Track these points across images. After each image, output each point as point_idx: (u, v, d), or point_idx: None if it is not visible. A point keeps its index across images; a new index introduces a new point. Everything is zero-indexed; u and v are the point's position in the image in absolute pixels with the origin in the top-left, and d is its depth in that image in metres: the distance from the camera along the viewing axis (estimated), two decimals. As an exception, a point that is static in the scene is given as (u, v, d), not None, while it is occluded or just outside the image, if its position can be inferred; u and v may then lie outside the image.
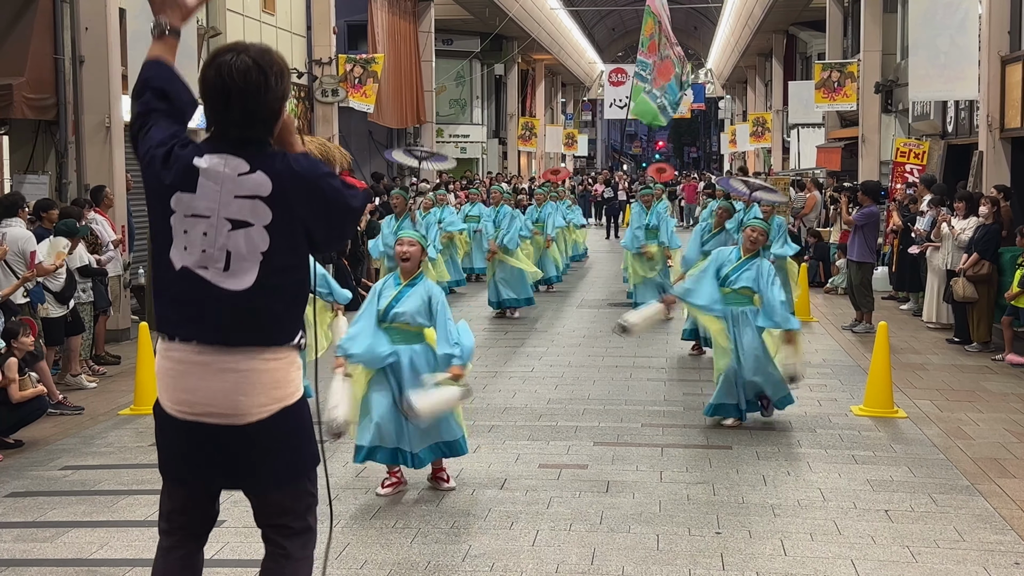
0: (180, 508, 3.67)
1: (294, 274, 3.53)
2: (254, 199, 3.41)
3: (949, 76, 14.66)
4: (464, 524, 6.05)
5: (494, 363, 11.14)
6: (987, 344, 11.60)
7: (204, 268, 3.44)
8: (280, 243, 3.44)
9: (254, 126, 3.44)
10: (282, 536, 3.67)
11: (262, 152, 3.46)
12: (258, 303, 3.45)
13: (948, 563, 5.46)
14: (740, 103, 56.69)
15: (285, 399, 3.56)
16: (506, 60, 38.95)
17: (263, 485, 3.61)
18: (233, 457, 3.54)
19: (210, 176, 3.42)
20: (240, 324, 3.45)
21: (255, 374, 3.48)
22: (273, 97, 3.42)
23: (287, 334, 3.56)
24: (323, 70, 22.39)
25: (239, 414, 3.48)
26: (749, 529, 5.95)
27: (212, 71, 3.39)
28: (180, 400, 3.51)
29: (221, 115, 3.43)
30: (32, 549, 5.78)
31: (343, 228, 3.63)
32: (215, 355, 3.46)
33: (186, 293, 3.46)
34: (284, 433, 3.57)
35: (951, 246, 12.38)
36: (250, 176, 3.42)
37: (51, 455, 7.76)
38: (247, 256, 3.43)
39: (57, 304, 9.65)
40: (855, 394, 9.36)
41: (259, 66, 3.38)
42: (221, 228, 3.42)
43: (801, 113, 28.88)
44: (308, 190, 3.46)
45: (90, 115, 12.78)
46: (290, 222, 3.44)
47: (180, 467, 3.61)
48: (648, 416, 8.72)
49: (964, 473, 7.06)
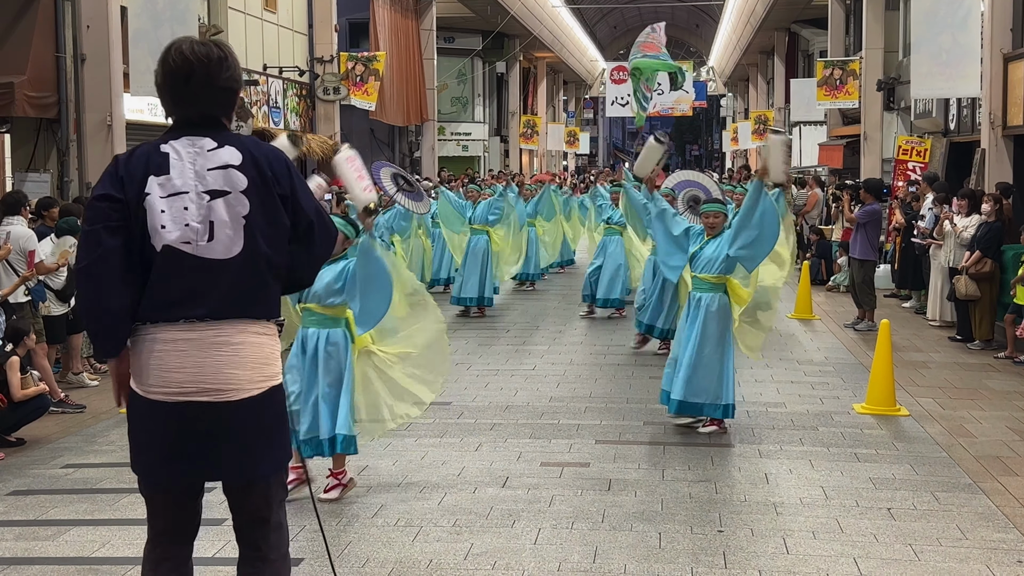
0: (160, 510, 3.62)
1: (277, 245, 3.57)
2: (227, 168, 3.52)
3: (951, 73, 14.64)
4: (466, 522, 6.04)
5: (496, 361, 11.14)
6: (989, 342, 11.59)
7: (187, 243, 3.47)
8: (259, 206, 3.53)
9: (215, 104, 3.57)
10: (260, 535, 3.64)
11: (225, 132, 3.61)
12: (247, 271, 3.50)
13: (951, 561, 5.45)
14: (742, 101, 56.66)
15: (273, 378, 3.59)
16: (508, 58, 38.94)
17: (251, 470, 3.56)
18: (223, 439, 3.49)
19: (180, 155, 3.53)
20: (229, 294, 3.48)
21: (247, 347, 3.50)
22: (232, 76, 3.59)
23: (273, 307, 3.62)
24: (325, 68, 22.39)
25: (231, 387, 3.47)
26: (751, 527, 5.94)
27: (173, 54, 3.54)
28: (168, 381, 3.47)
29: (181, 92, 3.54)
30: (34, 548, 5.77)
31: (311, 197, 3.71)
32: (206, 329, 3.47)
33: (171, 273, 3.47)
34: (273, 414, 3.59)
35: (954, 244, 12.37)
36: (219, 150, 3.55)
37: (53, 453, 7.76)
38: (230, 223, 3.49)
39: (58, 302, 9.65)
40: (857, 392, 9.35)
41: (220, 49, 3.58)
42: (201, 201, 3.49)
43: (803, 111, 28.88)
44: (275, 157, 3.63)
45: (91, 113, 12.79)
46: (264, 183, 3.54)
47: (161, 461, 3.52)
48: (650, 414, 8.71)
49: (967, 471, 7.05)
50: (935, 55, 14.67)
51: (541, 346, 12.09)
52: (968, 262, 11.67)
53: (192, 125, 3.56)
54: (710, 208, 8.21)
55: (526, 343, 12.31)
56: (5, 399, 7.85)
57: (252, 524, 3.65)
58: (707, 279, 8.00)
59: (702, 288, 8.03)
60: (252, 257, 3.50)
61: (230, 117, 3.65)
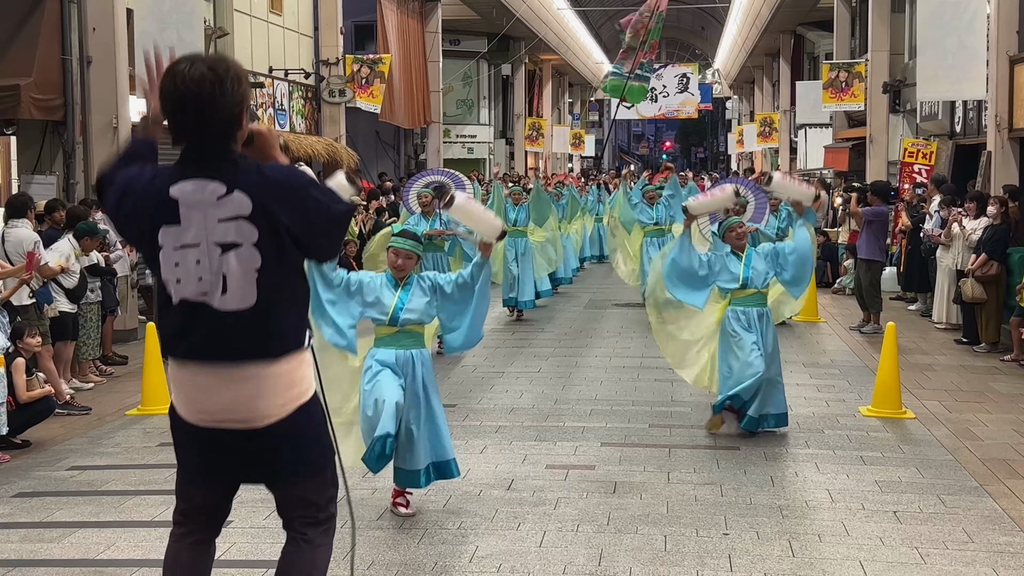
0: (198, 507, 3.74)
1: (293, 284, 3.57)
2: (237, 219, 3.43)
3: (957, 76, 14.63)
4: (471, 525, 6.04)
5: (501, 363, 11.13)
6: (996, 345, 11.56)
7: (204, 295, 3.46)
8: (272, 258, 3.47)
9: (213, 135, 3.42)
10: (304, 524, 3.71)
11: (235, 168, 3.46)
12: (263, 320, 3.49)
13: (957, 564, 5.44)
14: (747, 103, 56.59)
15: (300, 397, 3.61)
16: (513, 60, 38.91)
17: (287, 480, 3.66)
18: (254, 457, 3.60)
19: (190, 205, 3.44)
20: (248, 342, 3.49)
21: (269, 379, 3.53)
22: (229, 102, 3.40)
23: (296, 340, 3.60)
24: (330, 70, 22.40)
25: (257, 417, 3.53)
26: (757, 530, 5.93)
27: (168, 80, 3.41)
28: (197, 410, 3.56)
29: (179, 122, 3.43)
30: (39, 549, 5.78)
31: (331, 234, 3.63)
32: (226, 370, 3.50)
33: (189, 321, 3.49)
34: (302, 429, 3.63)
35: (961, 246, 12.34)
36: (229, 197, 3.43)
37: (58, 455, 7.76)
38: (243, 276, 3.45)
39: (68, 302, 9.67)
40: (863, 395, 9.33)
41: (214, 72, 3.38)
42: (212, 253, 3.44)
43: (808, 113, 28.82)
44: (288, 198, 3.46)
45: (97, 115, 12.81)
46: (276, 235, 3.45)
47: (199, 471, 3.67)
48: (655, 417, 8.70)
49: (973, 474, 7.03)
50: (941, 57, 14.65)
51: (546, 348, 12.08)
52: (974, 265, 11.65)
53: (197, 161, 3.45)
54: (733, 221, 8.24)
55: (531, 345, 12.31)
56: (12, 401, 7.86)
57: (299, 519, 3.72)
58: (763, 292, 8.05)
59: (759, 303, 8.02)
60: (267, 305, 3.49)
61: (237, 140, 3.49)
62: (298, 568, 3.71)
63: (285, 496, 3.72)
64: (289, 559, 3.74)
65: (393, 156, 30.70)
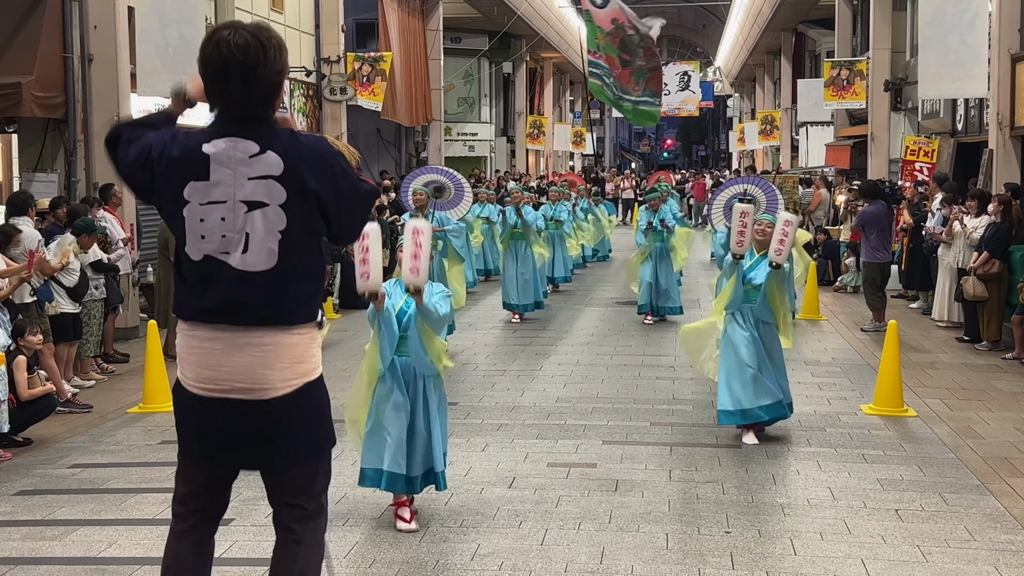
0: (197, 491, 3.70)
1: (313, 253, 3.58)
2: (267, 179, 3.46)
3: (959, 74, 14.61)
4: (473, 523, 6.04)
5: (502, 361, 11.13)
6: (997, 343, 11.56)
7: (226, 253, 3.47)
8: (297, 221, 3.49)
9: (254, 100, 3.46)
10: (295, 518, 3.68)
11: (269, 131, 3.50)
12: (281, 284, 3.50)
13: (959, 563, 5.44)
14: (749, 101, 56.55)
15: (308, 374, 3.60)
16: (514, 58, 38.92)
17: (285, 462, 3.63)
18: (257, 434, 3.57)
19: (221, 161, 3.46)
20: (265, 304, 3.49)
21: (279, 347, 3.52)
22: (272, 70, 3.46)
23: (309, 312, 3.61)
24: (332, 68, 22.38)
25: (264, 387, 3.51)
26: (759, 528, 5.93)
27: (211, 47, 3.44)
28: (205, 377, 3.53)
29: (222, 90, 3.46)
30: (41, 547, 5.78)
31: (355, 210, 3.65)
32: (238, 332, 3.49)
33: (209, 279, 3.49)
34: (307, 409, 3.61)
35: (962, 244, 12.34)
36: (261, 157, 3.46)
37: (60, 453, 7.76)
38: (266, 236, 3.46)
39: (70, 301, 9.66)
40: (865, 393, 9.33)
41: (258, 40, 3.43)
42: (238, 211, 3.46)
43: (810, 111, 28.82)
44: (318, 164, 3.51)
45: (99, 113, 12.79)
46: (304, 199, 3.48)
47: (201, 447, 3.63)
48: (657, 415, 8.70)
49: (974, 472, 7.03)
50: (943, 55, 14.64)
51: (548, 346, 12.08)
52: (976, 263, 11.64)
53: (234, 123, 3.49)
54: (765, 218, 8.12)
55: (533, 343, 12.30)
56: (14, 398, 7.86)
57: (288, 509, 3.69)
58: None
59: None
60: (288, 269, 3.50)
61: (274, 107, 3.54)
62: (291, 570, 3.68)
63: (280, 482, 3.67)
64: (281, 562, 3.71)
65: (394, 154, 30.70)
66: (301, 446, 3.62)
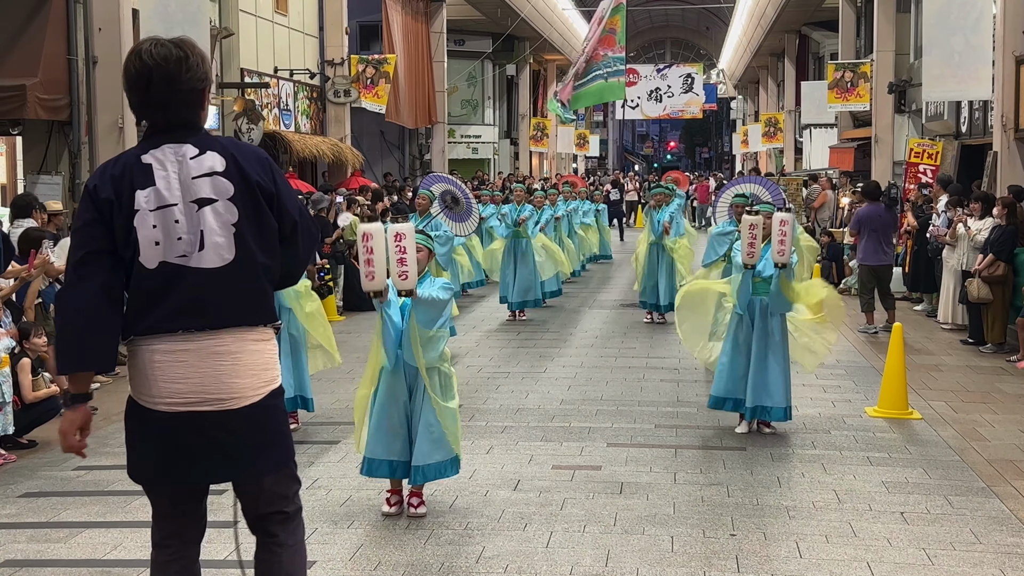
0: (166, 514, 3.67)
1: (269, 248, 3.58)
2: (212, 175, 3.50)
3: (963, 76, 14.59)
4: (478, 525, 6.03)
5: (506, 364, 11.13)
6: (1002, 345, 11.55)
7: (183, 256, 3.47)
8: (247, 214, 3.51)
9: (177, 107, 3.50)
10: (274, 523, 3.68)
11: (204, 134, 3.57)
12: (241, 278, 3.50)
13: (964, 566, 5.43)
14: (752, 103, 56.56)
15: (273, 381, 3.62)
16: (518, 60, 38.93)
17: (259, 471, 3.60)
18: (228, 445, 3.53)
19: (164, 166, 3.49)
20: (226, 303, 3.49)
21: (246, 355, 3.52)
22: (194, 77, 3.50)
23: (269, 311, 3.62)
24: (335, 71, 22.42)
25: (233, 396, 3.50)
26: (764, 531, 5.93)
27: (134, 58, 3.50)
28: (170, 392, 3.49)
29: (144, 99, 3.51)
30: (46, 550, 5.78)
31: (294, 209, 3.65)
32: (204, 340, 3.48)
33: (167, 285, 3.47)
34: (275, 416, 3.62)
35: (967, 247, 12.33)
36: (202, 156, 3.51)
37: (64, 456, 7.73)
38: (219, 231, 3.48)
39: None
40: (869, 395, 9.32)
41: (179, 47, 3.50)
42: (189, 211, 3.48)
43: (814, 113, 28.80)
44: (257, 159, 3.59)
45: (103, 115, 12.82)
46: (250, 190, 3.52)
47: (165, 469, 3.57)
48: (661, 417, 8.69)
49: (980, 475, 7.02)
50: (947, 57, 14.62)
51: (552, 349, 12.07)
52: (981, 265, 11.63)
53: (167, 131, 3.53)
54: (766, 208, 8.20)
55: (537, 346, 12.30)
56: (19, 401, 7.86)
57: (266, 518, 3.69)
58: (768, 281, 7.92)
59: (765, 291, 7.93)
60: (245, 264, 3.51)
61: (202, 116, 3.60)
62: (278, 574, 3.68)
63: (257, 492, 3.65)
64: (266, 567, 3.70)
65: (398, 156, 30.72)
66: (273, 453, 3.61)
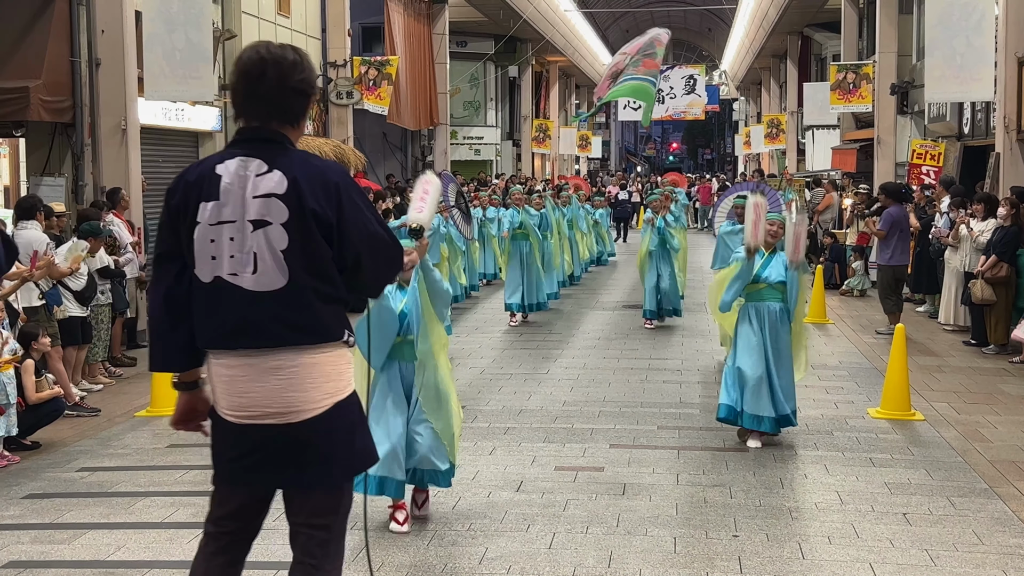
0: (232, 514, 3.66)
1: (323, 273, 3.50)
2: (270, 197, 3.45)
3: (965, 77, 14.58)
4: (480, 526, 6.04)
5: (509, 365, 11.13)
6: (1004, 346, 11.54)
7: (234, 275, 3.46)
8: (297, 241, 3.45)
9: (280, 106, 3.52)
10: (317, 543, 3.60)
11: (282, 152, 3.52)
12: (295, 303, 3.46)
13: (967, 567, 5.43)
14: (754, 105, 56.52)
15: (337, 393, 3.55)
16: (520, 62, 38.91)
17: (316, 482, 3.57)
18: (290, 456, 3.53)
19: (231, 180, 3.48)
20: (280, 324, 3.46)
21: (305, 369, 3.49)
22: (305, 80, 3.55)
23: (331, 332, 3.54)
24: (338, 72, 22.41)
25: (294, 411, 3.48)
26: (767, 532, 5.93)
27: (250, 51, 3.55)
28: (235, 405, 3.52)
29: (252, 90, 3.51)
30: (50, 551, 5.79)
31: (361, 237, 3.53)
32: (261, 357, 3.47)
33: (219, 301, 3.48)
34: (338, 428, 3.56)
35: (969, 248, 12.33)
36: (267, 176, 3.47)
37: (68, 457, 7.78)
38: (270, 256, 3.44)
39: (78, 305, 9.68)
40: (872, 396, 9.32)
41: (296, 52, 3.56)
42: (245, 231, 3.45)
43: (816, 115, 28.78)
44: (322, 184, 3.48)
45: (106, 117, 12.82)
46: (304, 218, 3.45)
47: (236, 473, 3.60)
48: (664, 418, 8.70)
49: (982, 476, 7.02)
50: (949, 59, 14.61)
51: (554, 350, 12.08)
52: (984, 266, 11.63)
53: (250, 140, 3.52)
54: (774, 217, 8.15)
55: (539, 347, 12.30)
56: (22, 402, 7.87)
57: (311, 530, 3.61)
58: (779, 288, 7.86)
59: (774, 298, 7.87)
60: (297, 290, 3.46)
61: (295, 132, 3.57)
62: None
63: (307, 500, 3.59)
64: None
65: (400, 158, 30.71)
66: (334, 465, 3.57)
